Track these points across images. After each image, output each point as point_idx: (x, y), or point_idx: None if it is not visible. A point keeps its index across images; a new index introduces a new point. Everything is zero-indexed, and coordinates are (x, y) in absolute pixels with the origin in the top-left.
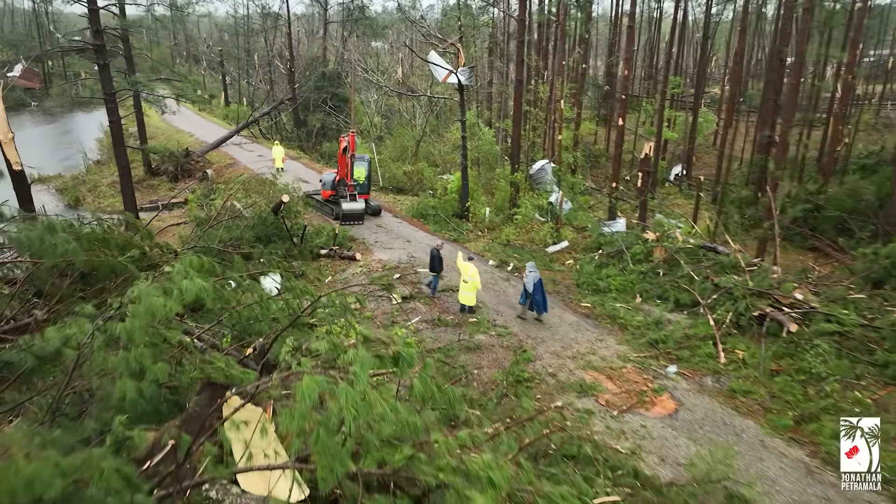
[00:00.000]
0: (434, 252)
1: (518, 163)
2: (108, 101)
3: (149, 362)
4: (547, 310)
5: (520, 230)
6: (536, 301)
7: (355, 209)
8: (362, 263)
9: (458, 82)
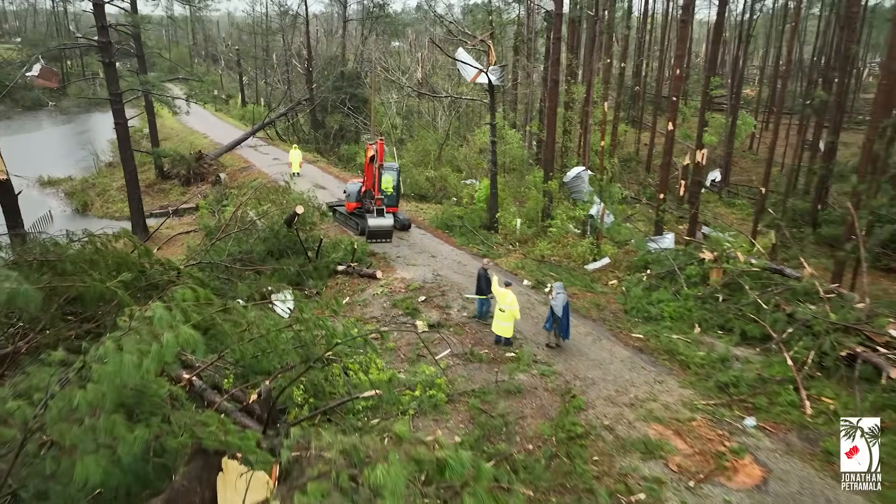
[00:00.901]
0: (482, 273)
1: (552, 170)
2: (113, 102)
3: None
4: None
5: (555, 245)
6: (562, 325)
7: (383, 226)
8: (383, 282)
9: (489, 82)
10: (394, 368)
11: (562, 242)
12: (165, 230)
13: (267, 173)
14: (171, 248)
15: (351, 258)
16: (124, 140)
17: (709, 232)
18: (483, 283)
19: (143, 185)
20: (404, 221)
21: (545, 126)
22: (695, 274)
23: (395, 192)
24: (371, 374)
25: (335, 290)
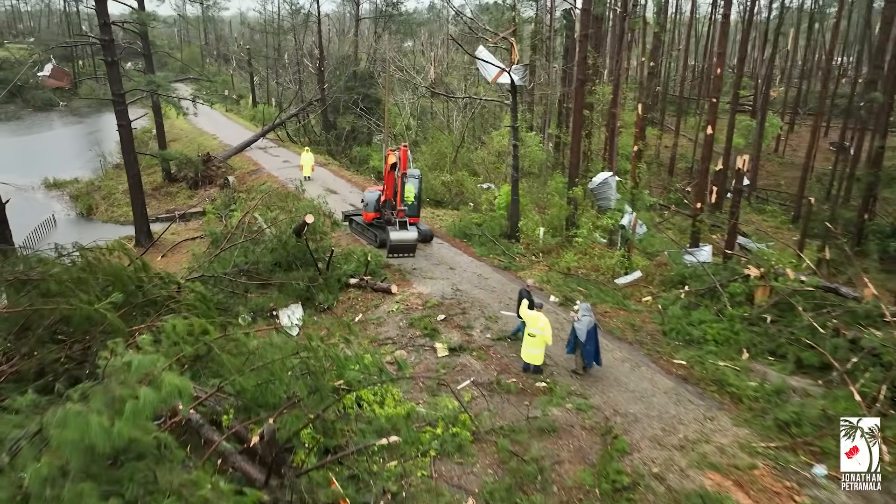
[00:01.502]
0: (524, 293)
1: (577, 175)
2: (116, 103)
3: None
4: (600, 362)
5: (582, 256)
6: (587, 352)
7: (406, 240)
8: (399, 298)
9: (511, 83)
10: (412, 400)
11: (588, 253)
12: (171, 236)
13: (276, 177)
14: (175, 256)
15: (364, 271)
16: (128, 143)
17: (746, 243)
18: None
19: (150, 188)
20: (426, 232)
21: (569, 129)
22: (739, 292)
23: (416, 202)
24: (387, 405)
25: (347, 306)
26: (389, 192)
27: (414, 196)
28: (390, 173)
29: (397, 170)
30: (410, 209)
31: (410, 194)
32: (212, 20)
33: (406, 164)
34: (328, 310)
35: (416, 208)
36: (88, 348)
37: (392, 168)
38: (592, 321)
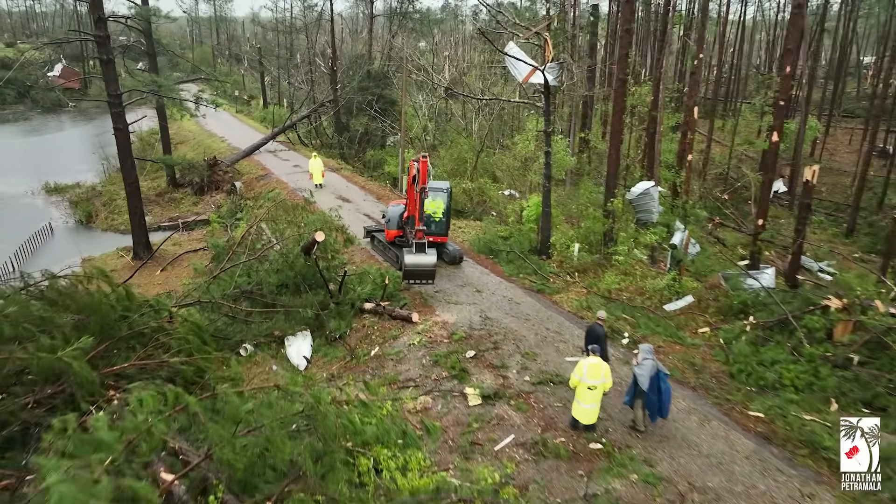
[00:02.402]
0: (598, 330)
1: (615, 185)
2: (112, 104)
3: None
4: (667, 413)
5: (624, 277)
6: (650, 402)
7: (423, 265)
8: (420, 328)
9: (545, 82)
10: (440, 464)
11: (631, 273)
12: (172, 247)
13: (286, 183)
14: (176, 270)
15: (381, 294)
16: (124, 147)
17: (811, 265)
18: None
19: (154, 194)
20: (454, 253)
21: (608, 134)
22: (817, 327)
23: (444, 218)
24: (410, 474)
25: (361, 335)
26: (412, 208)
27: (442, 212)
28: (412, 187)
29: (416, 182)
30: (438, 227)
31: (438, 210)
32: (224, 20)
33: (426, 178)
34: (340, 339)
35: (444, 226)
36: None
37: (413, 181)
38: (656, 366)
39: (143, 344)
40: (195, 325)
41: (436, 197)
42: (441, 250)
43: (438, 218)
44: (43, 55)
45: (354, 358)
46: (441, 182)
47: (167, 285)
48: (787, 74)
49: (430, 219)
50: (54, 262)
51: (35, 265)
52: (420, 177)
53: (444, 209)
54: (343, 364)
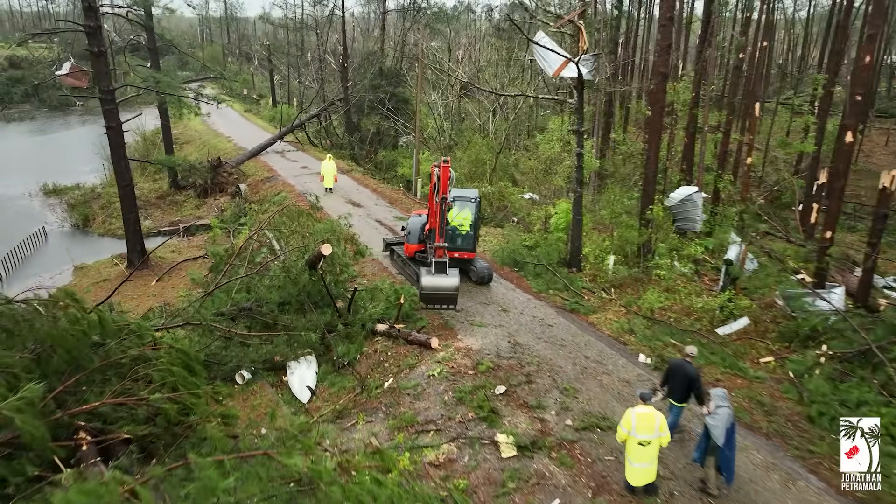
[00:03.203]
0: (688, 370)
1: (653, 191)
2: (104, 101)
3: None
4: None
5: (667, 295)
6: (725, 459)
7: (442, 288)
8: (441, 356)
9: (578, 76)
10: None
11: (674, 290)
12: (170, 254)
13: (293, 185)
14: (172, 279)
15: (396, 315)
16: (117, 147)
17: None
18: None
19: (154, 197)
20: (483, 272)
21: (647, 136)
22: None
23: (472, 231)
24: None
25: (373, 362)
26: (433, 220)
27: (470, 224)
28: (434, 195)
29: (436, 192)
30: (464, 241)
31: (465, 222)
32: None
33: (447, 186)
34: (349, 366)
35: (471, 240)
36: None
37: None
38: (730, 416)
39: (120, 376)
40: (182, 352)
41: (462, 207)
42: (467, 268)
43: (465, 231)
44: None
45: (365, 390)
46: (468, 190)
47: (163, 297)
48: (865, 65)
49: (455, 232)
50: (45, 270)
51: (25, 273)
52: (440, 185)
53: (471, 221)
54: (352, 396)
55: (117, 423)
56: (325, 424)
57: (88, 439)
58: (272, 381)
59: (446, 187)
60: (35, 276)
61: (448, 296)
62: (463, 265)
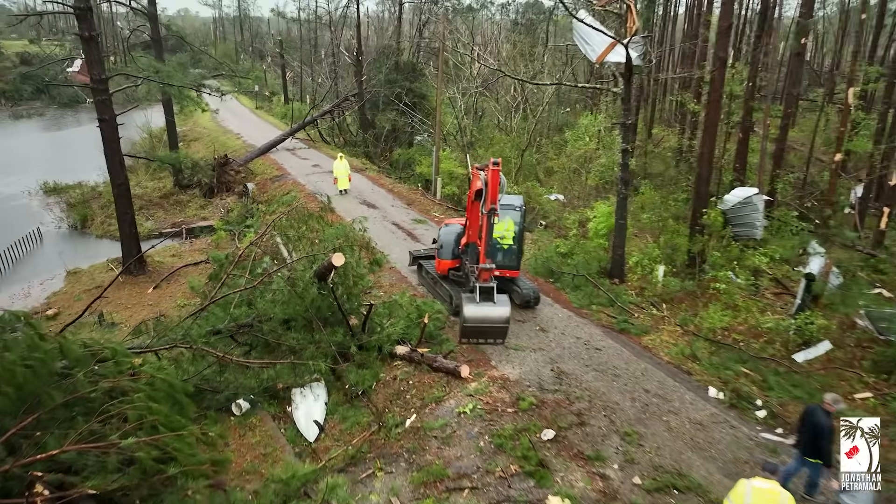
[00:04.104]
0: (821, 421)
1: (707, 193)
2: (96, 91)
3: None
4: None
5: (731, 313)
6: None
7: (491, 320)
8: (473, 388)
9: (627, 61)
10: None
11: (739, 308)
12: (170, 258)
13: (304, 184)
14: (171, 287)
15: (419, 337)
16: (111, 142)
17: None
18: (824, 438)
19: (157, 196)
20: (528, 293)
21: (704, 132)
22: None
23: (515, 245)
24: None
25: (391, 392)
26: (474, 233)
27: (513, 237)
28: (476, 204)
29: (484, 202)
30: (506, 256)
31: (508, 233)
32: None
33: (496, 194)
34: (363, 396)
35: (514, 255)
36: None
37: (478, 196)
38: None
39: (90, 413)
40: (166, 383)
41: (504, 216)
42: (509, 288)
43: (507, 244)
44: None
45: (383, 428)
46: (511, 196)
47: (159, 306)
48: None
49: (495, 245)
50: (36, 275)
51: (14, 278)
52: (489, 192)
53: (515, 232)
54: (367, 435)
55: (83, 474)
56: (334, 474)
57: (46, 495)
58: (274, 413)
59: (496, 195)
60: (25, 281)
61: (497, 329)
62: (504, 285)
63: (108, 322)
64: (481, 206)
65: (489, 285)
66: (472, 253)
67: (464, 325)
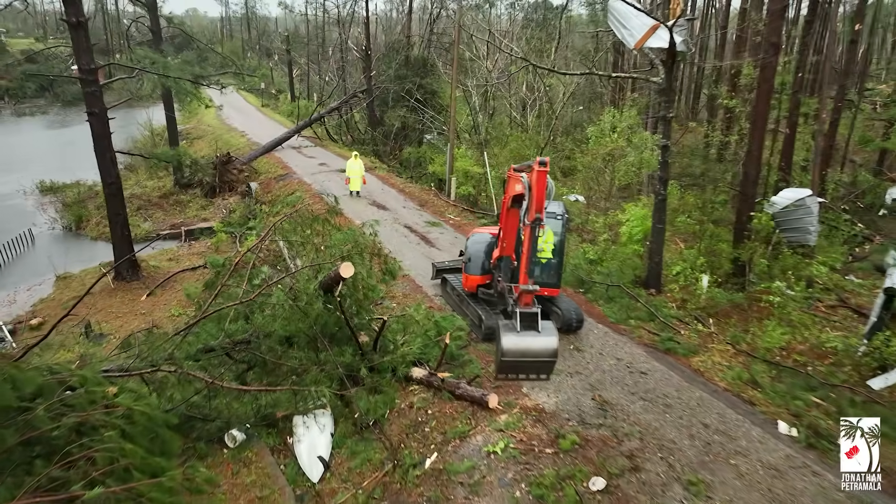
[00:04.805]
0: None
1: (754, 194)
2: (84, 82)
3: None
4: None
5: (790, 329)
6: None
7: (535, 353)
8: (504, 421)
9: (670, 46)
10: None
11: (799, 325)
12: (167, 262)
13: (310, 184)
14: (166, 294)
15: (439, 359)
16: (101, 137)
17: None
18: None
19: (157, 196)
20: (570, 316)
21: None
22: None
23: (556, 259)
24: None
25: (407, 423)
26: (509, 246)
27: (553, 250)
28: (512, 211)
29: (526, 209)
30: (545, 272)
31: (547, 246)
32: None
33: (542, 202)
34: (375, 427)
35: (554, 271)
36: None
37: (515, 203)
38: None
39: (53, 455)
40: (145, 416)
41: (548, 222)
42: (548, 308)
43: (546, 258)
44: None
45: (398, 468)
46: (555, 204)
47: (154, 315)
48: None
49: (538, 262)
50: (24, 280)
51: (0, 283)
52: (533, 199)
53: (555, 244)
54: (380, 477)
55: None
56: None
57: None
58: (273, 445)
59: (542, 203)
60: (11, 287)
61: (542, 364)
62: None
63: (95, 333)
64: (522, 215)
65: (532, 310)
66: (504, 268)
67: (502, 360)
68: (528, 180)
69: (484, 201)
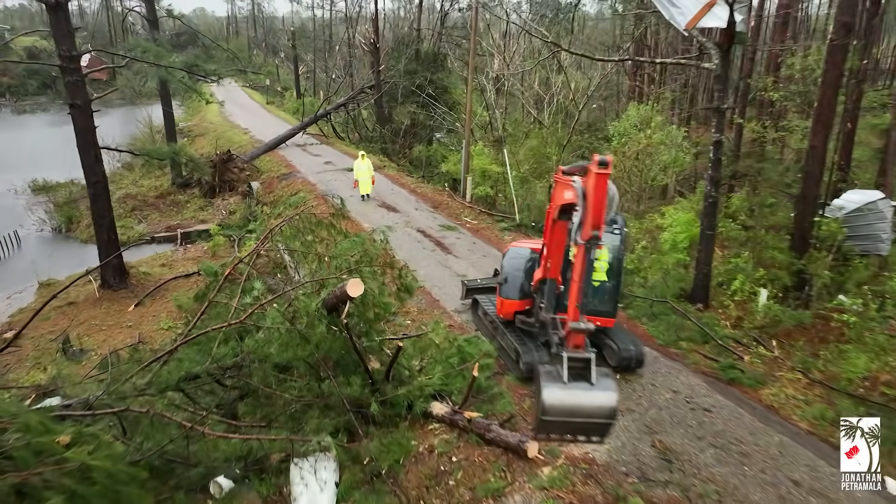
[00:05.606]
0: None
1: (817, 195)
2: (66, 70)
3: None
4: None
5: (875, 356)
6: None
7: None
8: (547, 475)
9: (728, 26)
10: None
11: (885, 350)
12: (159, 268)
13: (314, 183)
14: (156, 304)
15: (466, 393)
16: (84, 132)
17: None
18: None
19: (153, 196)
20: (628, 353)
21: (817, 118)
22: None
23: (612, 282)
24: None
25: (427, 472)
26: (555, 267)
27: (607, 271)
28: (559, 224)
29: (579, 224)
30: (598, 297)
31: (602, 266)
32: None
33: (602, 213)
34: (387, 476)
35: (609, 297)
36: None
37: (563, 214)
38: None
39: None
40: (104, 471)
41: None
42: (600, 342)
43: (599, 280)
44: None
45: None
46: (616, 218)
47: (142, 327)
48: None
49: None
50: (6, 287)
51: None
52: (589, 211)
53: (610, 263)
54: None
55: None
56: None
57: None
58: (267, 495)
59: (601, 215)
60: None
61: (595, 426)
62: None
63: (75, 349)
64: (575, 230)
65: (585, 356)
66: (548, 294)
67: (542, 419)
68: (583, 186)
69: (502, 203)
